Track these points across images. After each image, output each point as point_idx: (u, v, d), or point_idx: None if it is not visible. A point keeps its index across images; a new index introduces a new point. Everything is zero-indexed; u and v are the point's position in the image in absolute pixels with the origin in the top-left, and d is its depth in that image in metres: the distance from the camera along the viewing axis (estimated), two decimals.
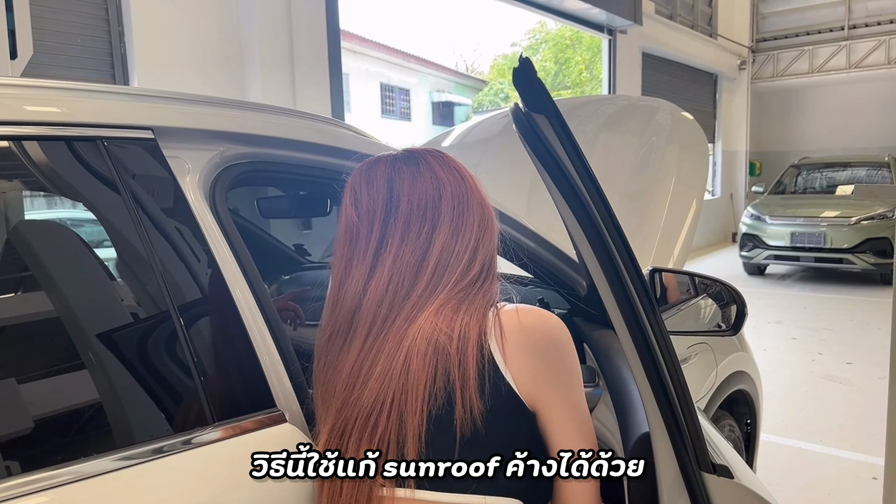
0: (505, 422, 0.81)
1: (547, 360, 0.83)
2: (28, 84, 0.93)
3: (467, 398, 0.79)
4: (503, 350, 0.81)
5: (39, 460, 0.80)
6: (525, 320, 0.84)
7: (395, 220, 0.90)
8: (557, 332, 0.85)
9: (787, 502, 2.90)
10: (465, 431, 0.79)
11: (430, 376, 0.81)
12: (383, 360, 0.85)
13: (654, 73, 10.17)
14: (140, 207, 0.95)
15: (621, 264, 0.75)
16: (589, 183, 0.71)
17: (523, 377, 0.82)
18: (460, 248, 0.88)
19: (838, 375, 4.62)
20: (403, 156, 0.97)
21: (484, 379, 0.80)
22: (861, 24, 12.30)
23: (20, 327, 0.92)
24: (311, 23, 4.76)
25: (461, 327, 0.82)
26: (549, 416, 0.84)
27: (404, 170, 0.93)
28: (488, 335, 0.82)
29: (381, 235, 0.90)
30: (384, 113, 16.11)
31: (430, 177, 0.92)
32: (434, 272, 0.87)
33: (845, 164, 9.51)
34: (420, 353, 0.81)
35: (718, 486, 0.79)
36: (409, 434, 0.80)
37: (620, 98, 3.73)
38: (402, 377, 0.82)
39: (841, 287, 7.91)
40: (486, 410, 0.79)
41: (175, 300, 0.93)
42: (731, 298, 1.67)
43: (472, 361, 0.79)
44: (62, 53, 3.66)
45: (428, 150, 0.97)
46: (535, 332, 0.83)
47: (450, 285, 0.86)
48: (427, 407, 0.80)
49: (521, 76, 0.68)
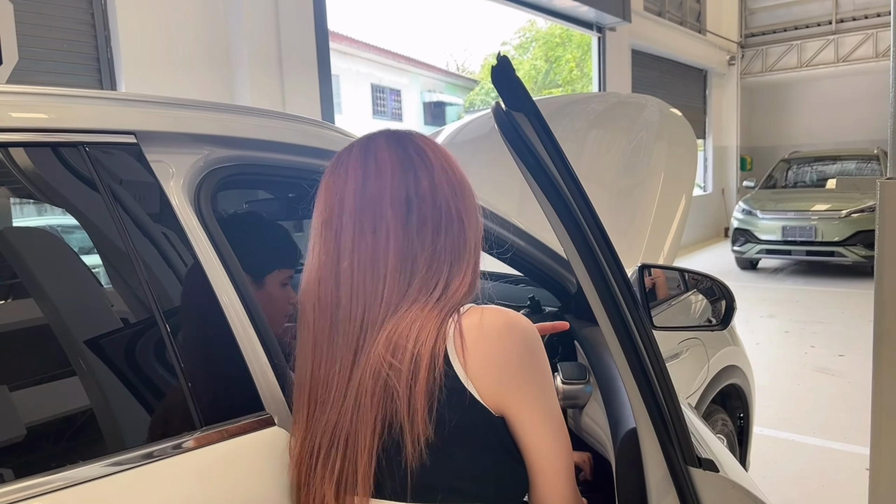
0: (470, 432, 0.79)
1: (513, 364, 0.80)
2: (8, 90, 0.92)
3: (416, 436, 0.77)
4: (464, 359, 0.78)
5: (29, 467, 0.79)
6: (487, 325, 0.79)
7: (314, 224, 0.87)
8: (523, 334, 0.81)
9: (781, 494, 2.92)
10: (415, 465, 0.78)
11: (379, 420, 0.79)
12: (337, 382, 0.83)
13: (643, 69, 10.21)
14: (124, 213, 0.94)
15: (603, 260, 0.75)
16: (570, 180, 0.71)
17: (486, 384, 0.79)
18: (378, 248, 0.82)
19: (831, 368, 4.65)
20: (340, 154, 0.90)
21: (441, 398, 0.77)
22: (849, 18, 12.38)
23: (4, 335, 0.92)
24: (299, 24, 4.75)
25: (415, 348, 0.78)
26: (518, 419, 0.81)
27: (330, 172, 0.89)
28: (448, 345, 0.79)
29: (312, 238, 0.88)
30: (375, 114, 16.10)
31: (341, 176, 0.86)
32: (353, 278, 0.83)
33: (835, 158, 9.57)
34: (368, 393, 0.79)
35: (705, 480, 0.79)
36: (359, 473, 0.80)
37: (609, 95, 3.74)
38: (352, 418, 0.81)
39: (833, 280, 7.96)
40: (447, 428, 0.78)
41: (161, 305, 0.93)
42: (720, 293, 1.68)
43: (421, 395, 0.76)
44: (48, 59, 3.64)
45: (361, 141, 0.90)
46: (498, 336, 0.79)
47: (388, 291, 0.82)
48: (376, 448, 0.80)
49: (499, 75, 0.68)
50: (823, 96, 13.14)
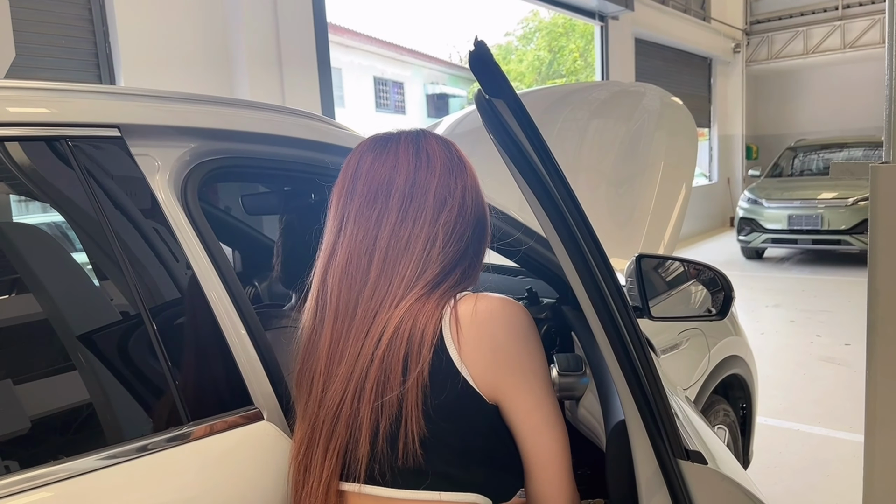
0: (462, 418, 0.80)
1: (506, 351, 0.81)
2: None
3: (409, 420, 0.78)
4: (458, 344, 0.80)
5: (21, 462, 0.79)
6: (481, 311, 0.81)
7: (351, 202, 0.89)
8: (517, 319, 0.83)
9: (785, 484, 2.90)
10: (406, 450, 0.79)
11: (377, 410, 0.81)
12: (348, 356, 0.85)
13: (647, 58, 10.13)
14: (109, 207, 0.94)
15: (586, 248, 0.74)
16: (551, 169, 0.69)
17: (480, 370, 0.80)
18: (413, 234, 0.85)
19: (837, 357, 4.62)
20: (382, 137, 0.94)
21: (435, 381, 0.79)
22: (855, 4, 12.23)
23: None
24: (298, 18, 4.73)
25: (413, 331, 0.80)
26: (512, 406, 0.82)
27: (372, 152, 0.91)
28: (444, 330, 0.80)
29: (341, 216, 0.89)
30: (378, 107, 16.06)
31: (391, 158, 0.89)
32: (386, 258, 0.85)
33: (842, 145, 9.47)
34: (371, 381, 0.81)
35: (693, 472, 0.78)
36: (361, 454, 0.82)
37: (611, 84, 3.71)
38: (352, 406, 0.83)
39: (839, 269, 7.91)
40: (440, 413, 0.79)
41: (146, 300, 0.92)
42: (719, 283, 1.66)
43: (415, 380, 0.78)
44: (46, 55, 3.63)
45: (410, 132, 0.94)
46: (493, 322, 0.81)
47: (408, 276, 0.84)
48: (373, 431, 0.81)
49: (477, 60, 0.67)
50: (830, 83, 13.01)
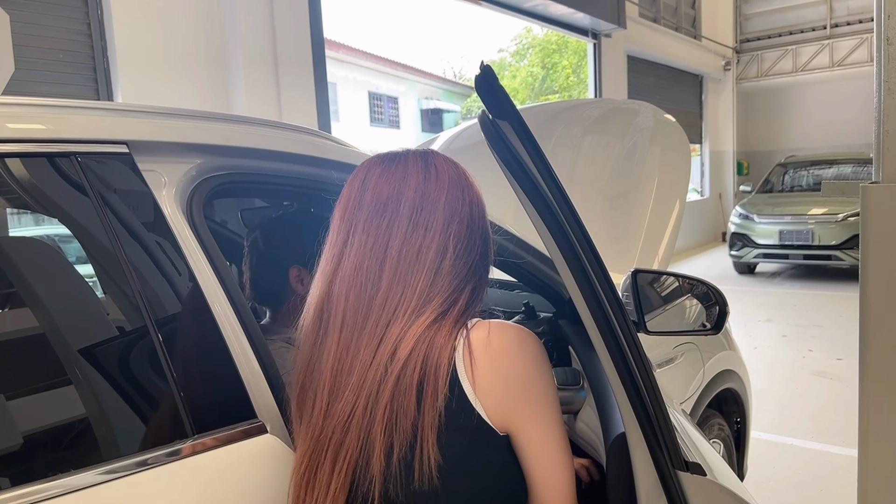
0: (474, 452, 0.79)
1: (520, 383, 0.80)
2: (1, 102, 0.93)
3: (427, 452, 0.76)
4: (473, 379, 0.78)
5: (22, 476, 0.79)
6: (495, 341, 0.80)
7: (359, 211, 0.88)
8: (532, 350, 0.82)
9: (780, 499, 2.91)
10: (424, 481, 0.77)
11: (389, 429, 0.79)
12: (359, 368, 0.83)
13: (639, 75, 10.25)
14: (116, 222, 0.95)
15: (588, 265, 0.75)
16: (554, 187, 0.71)
17: (493, 403, 0.79)
18: (424, 243, 0.84)
19: (829, 371, 4.65)
20: (389, 154, 0.95)
21: (448, 418, 0.77)
22: (843, 23, 12.44)
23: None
24: (295, 31, 4.77)
25: (426, 362, 0.78)
26: (524, 436, 0.81)
27: (381, 166, 0.92)
28: (457, 361, 0.79)
29: (348, 226, 0.89)
30: (373, 121, 16.14)
31: (400, 171, 0.89)
32: (398, 265, 0.84)
33: (831, 162, 9.59)
34: (385, 398, 0.79)
35: (693, 484, 0.80)
36: (375, 472, 0.80)
37: (604, 102, 3.76)
38: (364, 418, 0.81)
39: (830, 284, 7.97)
40: (452, 444, 0.78)
41: (152, 314, 0.93)
42: (713, 298, 1.69)
43: (429, 415, 0.77)
44: (45, 69, 3.65)
45: (417, 150, 0.95)
46: (507, 354, 0.80)
47: (421, 287, 0.83)
48: (387, 449, 0.79)
49: (483, 84, 0.69)
50: (819, 100, 13.19)
